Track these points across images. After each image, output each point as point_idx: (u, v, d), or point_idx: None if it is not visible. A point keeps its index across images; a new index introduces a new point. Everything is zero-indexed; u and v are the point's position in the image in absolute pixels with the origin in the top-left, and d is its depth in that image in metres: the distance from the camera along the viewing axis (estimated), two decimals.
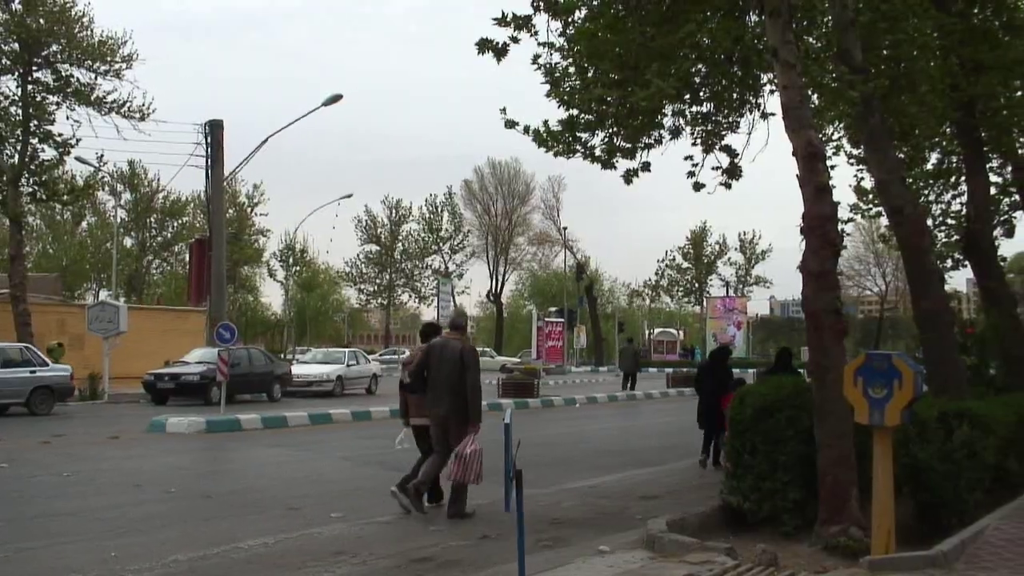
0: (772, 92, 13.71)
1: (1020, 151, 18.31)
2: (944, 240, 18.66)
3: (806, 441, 9.69)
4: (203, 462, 17.81)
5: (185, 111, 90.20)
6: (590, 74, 13.34)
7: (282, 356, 51.38)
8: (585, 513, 11.83)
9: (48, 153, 33.79)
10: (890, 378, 8.38)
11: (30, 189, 34.25)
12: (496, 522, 10.76)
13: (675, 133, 14.31)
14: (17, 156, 33.25)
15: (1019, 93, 16.94)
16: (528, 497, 9.05)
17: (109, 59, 34.62)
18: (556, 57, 13.17)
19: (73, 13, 34.27)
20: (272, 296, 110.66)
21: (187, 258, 51.64)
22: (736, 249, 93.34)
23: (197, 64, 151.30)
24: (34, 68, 33.98)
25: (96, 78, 34.66)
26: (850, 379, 8.64)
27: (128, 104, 34.71)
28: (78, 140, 33.65)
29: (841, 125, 17.04)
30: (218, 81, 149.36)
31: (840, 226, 11.25)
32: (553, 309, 78.15)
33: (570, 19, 12.70)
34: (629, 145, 14.00)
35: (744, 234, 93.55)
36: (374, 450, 18.46)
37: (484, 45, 12.13)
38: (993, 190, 18.19)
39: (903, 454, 9.37)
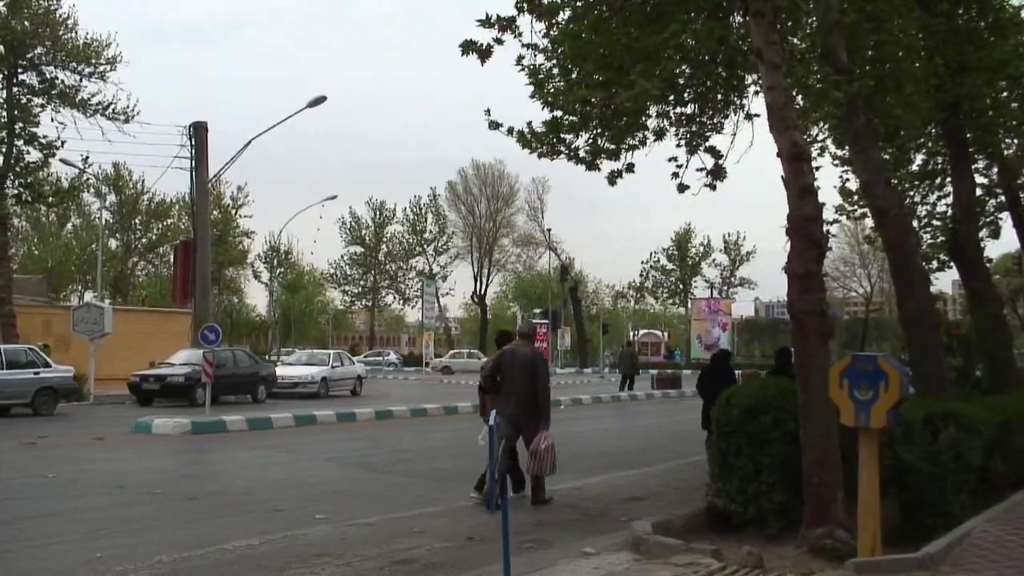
0: (756, 93, 13.74)
1: (1005, 152, 18.36)
2: (930, 241, 18.69)
3: (792, 443, 9.65)
4: (188, 463, 17.72)
5: (172, 113, 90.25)
6: (574, 75, 13.30)
7: (267, 357, 51.28)
8: (570, 515, 11.77)
9: (33, 155, 33.84)
10: (876, 380, 8.34)
11: (15, 191, 34.18)
12: (481, 523, 10.74)
13: (659, 134, 14.30)
14: (2, 158, 33.18)
15: (1004, 94, 16.99)
16: (513, 498, 9.04)
17: (94, 61, 34.76)
18: (540, 58, 13.14)
19: (57, 15, 34.37)
20: (257, 298, 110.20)
21: (172, 260, 51.44)
22: (721, 250, 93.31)
23: (184, 66, 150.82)
24: (19, 70, 34.00)
25: (81, 80, 34.84)
26: (836, 381, 8.60)
27: (113, 106, 34.89)
28: (63, 142, 33.75)
29: (826, 126, 17.03)
30: (205, 83, 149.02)
31: (825, 227, 11.24)
32: (537, 311, 78.18)
33: (554, 20, 12.65)
34: (613, 146, 13.97)
35: (729, 235, 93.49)
36: (359, 452, 18.43)
37: (468, 47, 12.10)
38: (979, 191, 18.22)
39: (888, 456, 9.33)
